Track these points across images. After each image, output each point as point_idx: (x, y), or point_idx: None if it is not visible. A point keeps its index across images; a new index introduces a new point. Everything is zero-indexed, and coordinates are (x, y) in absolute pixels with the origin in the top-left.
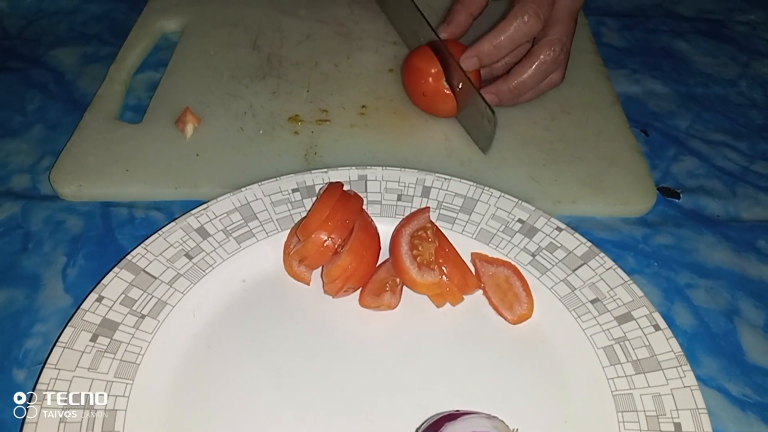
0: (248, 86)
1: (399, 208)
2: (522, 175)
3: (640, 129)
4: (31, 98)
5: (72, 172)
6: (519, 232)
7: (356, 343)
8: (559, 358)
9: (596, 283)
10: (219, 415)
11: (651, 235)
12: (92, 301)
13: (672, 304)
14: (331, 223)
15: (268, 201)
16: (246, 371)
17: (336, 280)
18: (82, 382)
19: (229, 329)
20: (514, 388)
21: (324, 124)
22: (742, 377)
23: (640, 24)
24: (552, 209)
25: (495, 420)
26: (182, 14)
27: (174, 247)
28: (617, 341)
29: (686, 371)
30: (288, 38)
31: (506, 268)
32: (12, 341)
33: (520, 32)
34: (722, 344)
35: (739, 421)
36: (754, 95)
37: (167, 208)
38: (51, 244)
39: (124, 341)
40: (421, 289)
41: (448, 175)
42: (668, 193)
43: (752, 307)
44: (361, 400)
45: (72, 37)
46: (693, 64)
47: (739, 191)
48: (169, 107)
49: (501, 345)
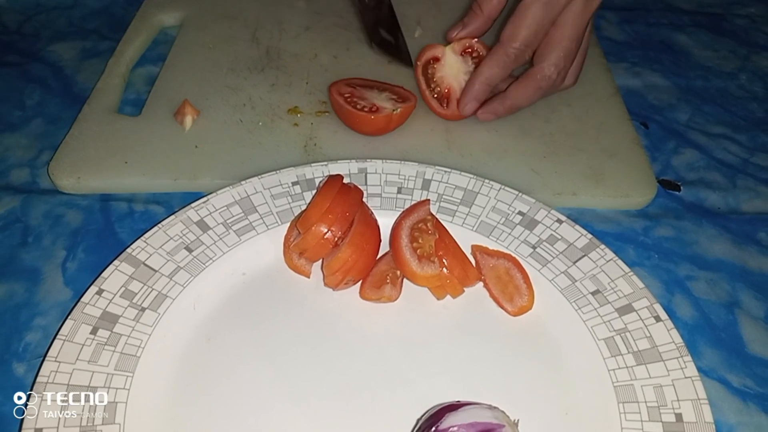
0: (247, 78)
1: (399, 200)
2: (522, 168)
3: (640, 122)
4: (30, 93)
5: (71, 165)
6: (519, 224)
7: (357, 335)
8: (560, 349)
9: (597, 275)
10: (219, 407)
11: (651, 228)
12: (92, 294)
13: (672, 296)
14: (331, 216)
15: (268, 194)
16: (246, 364)
17: (336, 273)
18: (82, 374)
19: (229, 322)
20: (515, 379)
21: (323, 116)
22: (743, 368)
23: (641, 17)
24: (552, 201)
25: (496, 410)
26: (181, 8)
27: (174, 240)
28: (618, 332)
29: (687, 362)
30: (287, 30)
31: (507, 260)
32: (12, 335)
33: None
34: (723, 336)
35: (740, 411)
36: (753, 88)
37: (167, 201)
38: (51, 238)
39: (125, 334)
40: (422, 281)
41: (448, 168)
42: (668, 185)
43: (752, 298)
44: (362, 393)
45: (71, 32)
46: (693, 57)
47: (739, 183)
48: (167, 100)
49: (502, 337)
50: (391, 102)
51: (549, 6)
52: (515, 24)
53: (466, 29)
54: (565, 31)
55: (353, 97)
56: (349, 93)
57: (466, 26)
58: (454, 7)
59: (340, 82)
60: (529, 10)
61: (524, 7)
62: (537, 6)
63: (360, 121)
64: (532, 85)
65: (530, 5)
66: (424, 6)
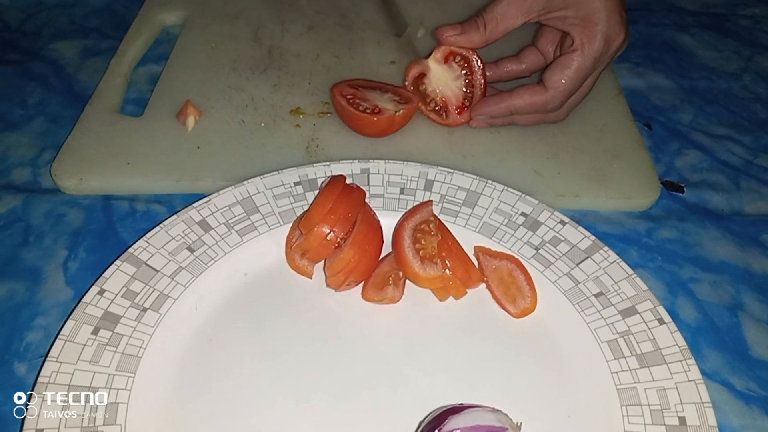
0: (249, 79)
1: (402, 201)
2: (525, 169)
3: (643, 123)
4: (31, 91)
5: (73, 166)
6: (522, 225)
7: (359, 336)
8: (563, 351)
9: (600, 277)
10: (221, 408)
11: (655, 229)
12: (94, 294)
13: (676, 298)
14: (333, 217)
15: (270, 194)
16: (248, 365)
17: (338, 274)
18: (83, 375)
19: (231, 323)
20: (518, 381)
21: (325, 117)
22: (747, 371)
23: (644, 17)
24: (555, 203)
25: (499, 413)
26: (183, 7)
27: (176, 240)
28: (621, 335)
29: (691, 365)
30: (289, 30)
31: (509, 262)
32: (13, 334)
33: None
34: (726, 338)
35: (744, 415)
36: (757, 89)
37: (168, 201)
38: (52, 238)
39: (126, 334)
40: (424, 282)
41: (450, 169)
42: (672, 187)
43: (756, 301)
44: (364, 394)
45: (72, 30)
46: (696, 58)
47: (743, 185)
48: (170, 100)
49: (504, 339)
50: (394, 103)
51: (596, 61)
52: (564, 74)
53: (461, 36)
54: (590, 80)
55: (355, 98)
56: (351, 94)
57: (462, 33)
58: (458, 6)
59: (343, 83)
60: (580, 63)
61: (574, 60)
62: (588, 61)
63: (362, 122)
64: (541, 118)
65: (580, 59)
66: (427, 6)
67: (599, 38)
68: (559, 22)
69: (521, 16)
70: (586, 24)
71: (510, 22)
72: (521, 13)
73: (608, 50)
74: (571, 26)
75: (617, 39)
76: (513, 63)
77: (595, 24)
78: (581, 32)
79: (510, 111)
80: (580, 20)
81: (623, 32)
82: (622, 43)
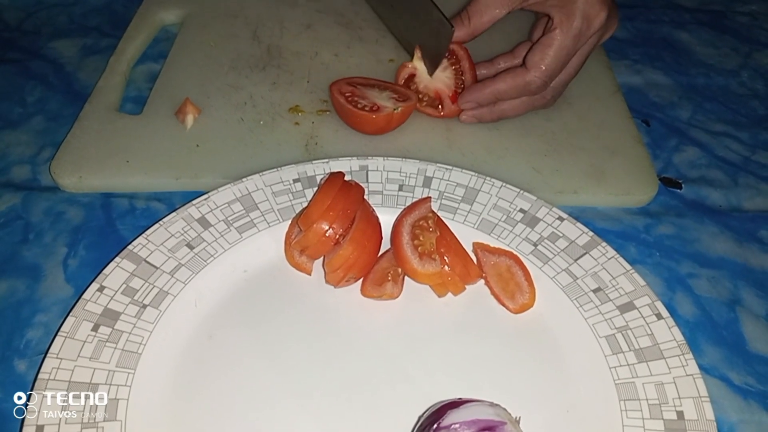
0: (248, 77)
1: (400, 198)
2: (523, 165)
3: (641, 119)
4: (31, 90)
5: (72, 164)
6: (521, 221)
7: (358, 332)
8: (561, 347)
9: (598, 273)
10: (221, 404)
11: (653, 225)
12: (93, 291)
13: (674, 293)
14: (332, 213)
15: (269, 191)
16: (247, 361)
17: (337, 270)
18: (83, 371)
19: (230, 319)
20: (517, 376)
21: (324, 114)
22: (745, 366)
23: (642, 14)
24: (553, 199)
25: (497, 408)
26: (182, 6)
27: (175, 237)
28: (619, 330)
29: (689, 360)
30: (288, 29)
31: (508, 258)
32: (13, 331)
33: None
34: (724, 333)
35: (741, 409)
36: (755, 86)
37: (168, 198)
38: (52, 235)
39: (126, 331)
40: (423, 278)
41: (449, 165)
42: (670, 183)
43: (754, 296)
44: (364, 390)
45: (72, 29)
46: (694, 55)
47: (741, 181)
48: (169, 98)
49: (503, 334)
50: (392, 101)
51: (577, 39)
52: (544, 53)
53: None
54: (575, 61)
55: (354, 96)
56: (350, 92)
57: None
58: (461, 6)
59: (341, 81)
60: (560, 41)
61: (554, 38)
62: (568, 38)
63: (361, 120)
64: (527, 103)
65: (560, 36)
66: None
67: (578, 15)
68: (540, 6)
69: (504, 6)
70: (565, 3)
71: (493, 12)
72: (504, 4)
73: (589, 28)
74: (551, 7)
75: (598, 17)
76: (508, 59)
77: (573, 2)
78: (560, 11)
79: (495, 95)
80: (558, 0)
81: (604, 11)
82: (606, 23)
